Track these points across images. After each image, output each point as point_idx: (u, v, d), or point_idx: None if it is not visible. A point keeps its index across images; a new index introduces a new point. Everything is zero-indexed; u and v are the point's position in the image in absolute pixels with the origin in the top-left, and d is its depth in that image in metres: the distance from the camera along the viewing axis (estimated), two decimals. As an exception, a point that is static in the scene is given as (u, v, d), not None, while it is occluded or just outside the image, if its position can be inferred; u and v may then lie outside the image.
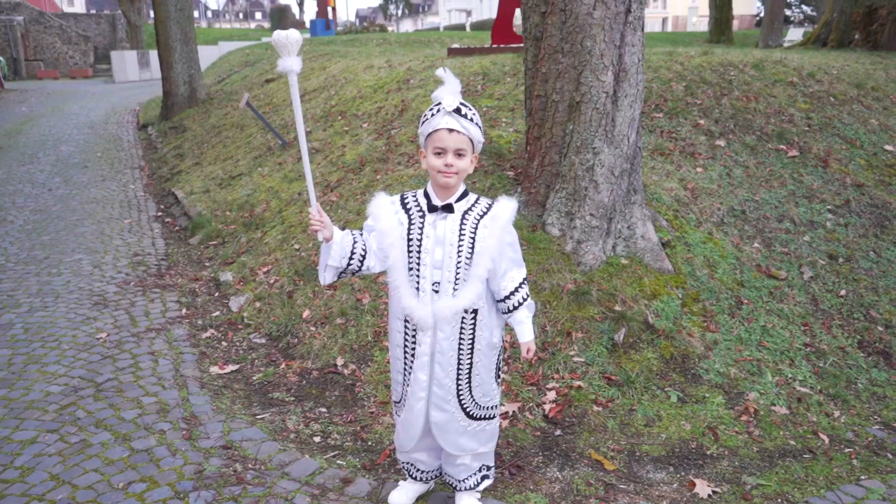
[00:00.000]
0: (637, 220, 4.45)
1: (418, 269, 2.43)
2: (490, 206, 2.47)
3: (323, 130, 7.79)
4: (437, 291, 2.43)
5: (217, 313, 4.86)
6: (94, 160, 10.92)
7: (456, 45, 11.95)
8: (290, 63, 2.32)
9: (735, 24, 26.06)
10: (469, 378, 2.53)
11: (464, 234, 2.41)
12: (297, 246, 5.32)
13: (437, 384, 2.50)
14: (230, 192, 7.37)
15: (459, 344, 2.48)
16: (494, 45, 10.10)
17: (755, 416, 3.55)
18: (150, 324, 4.71)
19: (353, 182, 6.01)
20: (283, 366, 4.06)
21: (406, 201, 2.50)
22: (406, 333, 2.52)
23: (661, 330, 4.02)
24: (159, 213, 7.81)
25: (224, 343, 4.43)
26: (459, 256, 2.41)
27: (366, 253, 2.50)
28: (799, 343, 4.12)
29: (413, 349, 2.50)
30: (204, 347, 4.36)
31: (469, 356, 2.51)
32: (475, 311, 2.48)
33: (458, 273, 2.42)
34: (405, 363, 2.55)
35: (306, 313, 4.49)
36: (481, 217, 2.44)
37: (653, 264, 4.37)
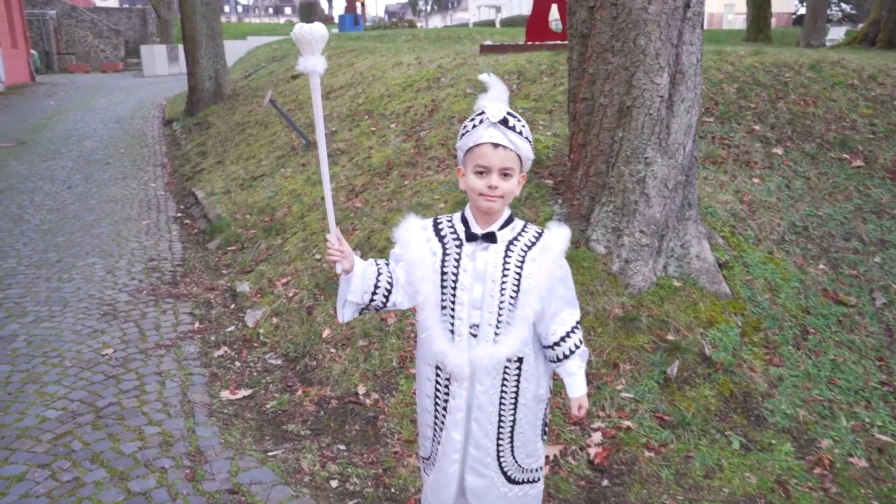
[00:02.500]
0: (692, 237, 4.02)
1: (453, 309, 2.05)
2: (539, 235, 2.08)
3: (349, 130, 7.44)
4: (475, 336, 2.05)
5: (231, 328, 4.53)
6: (116, 157, 10.71)
7: (488, 42, 11.54)
8: (313, 63, 1.91)
9: (772, 22, 25.26)
10: (511, 437, 2.14)
11: (508, 269, 2.02)
12: (318, 256, 4.97)
13: (474, 445, 2.11)
14: (251, 194, 7.05)
15: (501, 398, 2.09)
16: (529, 43, 9.67)
17: (830, 469, 3.12)
18: (160, 339, 4.39)
19: (380, 187, 5.65)
20: (299, 392, 3.71)
21: (440, 227, 2.11)
22: (438, 383, 2.14)
23: (719, 363, 3.59)
24: (179, 214, 7.53)
25: (237, 363, 4.10)
26: (503, 295, 2.02)
27: (391, 287, 2.12)
28: (874, 381, 3.67)
29: (446, 402, 2.12)
30: (216, 367, 4.03)
31: (512, 412, 2.12)
32: (520, 360, 2.09)
33: (500, 315, 2.03)
34: (436, 417, 2.17)
35: (326, 332, 4.14)
36: (529, 248, 2.05)
37: (708, 287, 3.94)
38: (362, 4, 32.31)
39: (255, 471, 3.04)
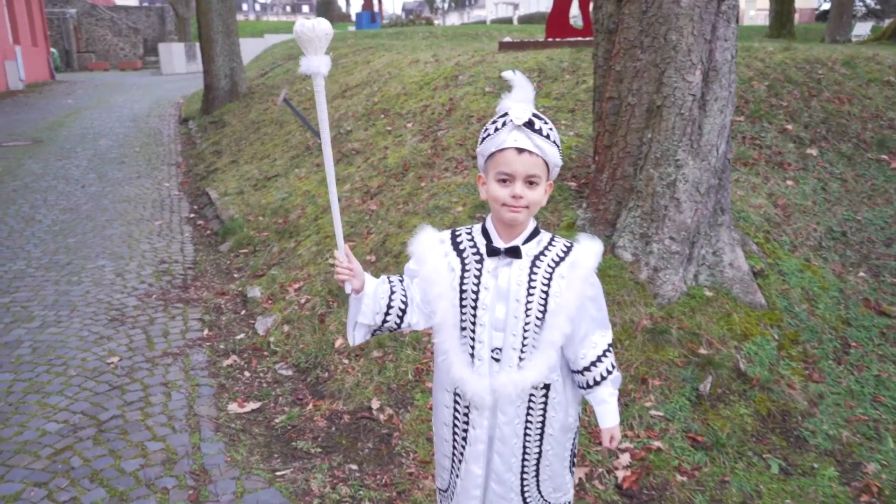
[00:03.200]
0: (724, 244, 3.80)
1: (473, 331, 1.86)
2: (568, 249, 1.88)
3: (364, 130, 7.27)
4: (497, 360, 1.85)
5: (241, 336, 4.37)
6: (131, 155, 10.62)
7: (507, 39, 11.31)
8: (317, 63, 1.72)
9: (795, 17, 24.74)
10: (537, 471, 1.94)
11: (534, 287, 1.82)
12: (332, 261, 4.80)
13: (496, 479, 1.92)
14: (265, 195, 6.90)
15: (526, 429, 1.90)
16: (549, 39, 9.44)
17: (879, 497, 2.89)
18: (168, 346, 4.24)
19: (396, 189, 5.47)
20: (310, 406, 3.54)
21: (459, 240, 1.92)
22: (456, 411, 1.95)
23: (755, 379, 3.37)
24: (192, 215, 7.40)
25: (247, 373, 3.93)
26: (528, 316, 1.82)
27: (406, 307, 1.93)
28: (922, 399, 3.43)
29: (465, 433, 1.93)
30: (224, 378, 3.87)
31: (538, 444, 1.92)
32: (546, 387, 1.89)
33: (525, 337, 1.84)
34: (454, 448, 1.98)
35: (339, 342, 3.96)
36: (557, 264, 1.85)
37: (742, 297, 3.72)
38: (379, 2, 32.17)
39: (262, 492, 2.87)
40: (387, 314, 1.92)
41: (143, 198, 8.08)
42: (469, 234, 1.92)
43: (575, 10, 10.64)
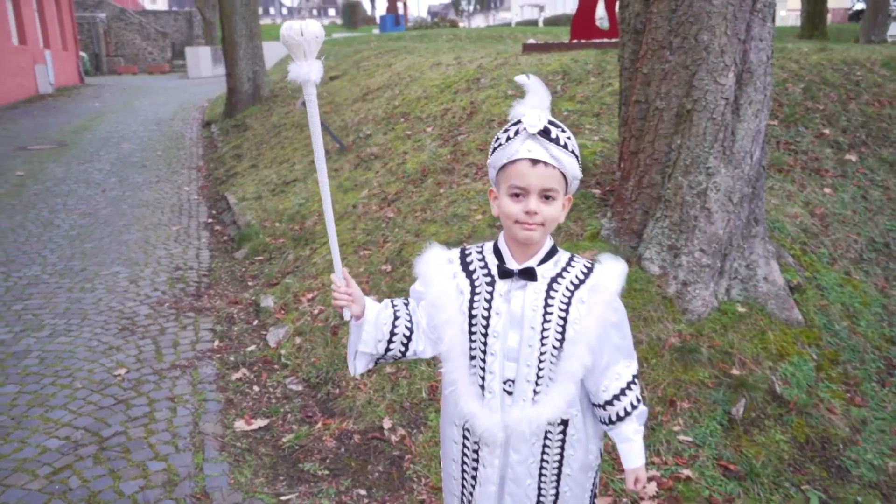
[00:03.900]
0: (759, 257, 3.57)
1: (483, 360, 1.69)
2: (589, 270, 1.69)
3: (383, 134, 7.12)
4: (510, 393, 1.68)
5: (252, 347, 4.24)
6: (152, 159, 10.61)
7: (531, 41, 11.11)
8: (307, 70, 1.54)
9: (828, 17, 24.14)
10: (554, 515, 1.77)
11: (550, 313, 1.64)
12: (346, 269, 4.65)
13: (508, 525, 1.74)
14: (282, 200, 6.79)
15: (541, 469, 1.72)
16: (574, 41, 9.22)
17: (930, 536, 2.66)
18: (177, 358, 4.12)
19: (414, 195, 5.31)
20: (319, 424, 3.39)
21: (468, 259, 1.74)
22: (465, 447, 1.77)
23: (792, 402, 3.15)
24: (210, 220, 7.32)
25: (256, 388, 3.80)
26: (543, 345, 1.64)
27: (411, 333, 1.76)
28: (975, 426, 3.18)
29: (475, 471, 1.75)
30: (232, 392, 3.74)
31: (554, 485, 1.75)
32: (564, 423, 1.71)
33: (540, 368, 1.66)
34: (463, 487, 1.81)
35: (351, 356, 3.80)
36: (576, 287, 1.67)
37: (778, 314, 3.49)
38: (404, 5, 32.14)
39: (265, 519, 2.72)
40: (390, 342, 1.76)
41: (162, 202, 8.02)
42: (480, 253, 1.75)
43: (601, 11, 10.42)
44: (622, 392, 1.74)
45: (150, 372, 3.94)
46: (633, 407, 1.76)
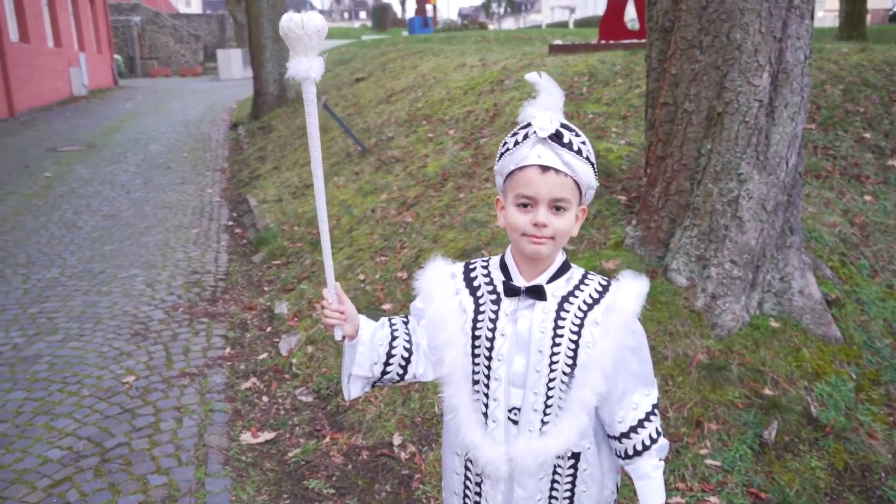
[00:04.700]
0: (794, 269, 3.36)
1: (487, 385, 1.53)
2: (604, 288, 1.53)
3: (405, 137, 7.00)
4: (515, 422, 1.52)
5: (264, 356, 4.13)
6: (178, 161, 10.63)
7: (558, 42, 10.92)
8: (306, 66, 1.40)
9: (867, 18, 23.48)
10: (563, 558, 1.60)
11: (561, 335, 1.48)
12: (361, 276, 4.53)
13: (512, 569, 1.59)
14: (302, 204, 6.70)
15: (549, 507, 1.56)
16: (602, 42, 9.01)
17: (982, 578, 2.43)
18: (187, 365, 4.03)
19: (433, 200, 5.17)
20: (327, 439, 3.26)
21: (473, 274, 1.59)
22: (468, 479, 1.62)
23: (829, 426, 2.94)
24: (230, 223, 7.26)
25: (265, 398, 3.68)
26: (553, 370, 1.48)
27: (410, 355, 1.62)
28: None
29: (476, 507, 1.60)
30: (240, 403, 3.63)
31: (564, 525, 1.58)
32: (575, 457, 1.55)
33: (549, 396, 1.50)
34: (464, 524, 1.65)
35: (363, 366, 3.67)
36: (590, 307, 1.50)
37: (814, 330, 3.28)
38: (433, 7, 32.07)
39: (264, 541, 2.60)
40: (387, 364, 1.61)
41: (184, 204, 7.99)
42: (485, 267, 1.59)
43: (632, 12, 10.18)
44: (640, 423, 1.57)
45: (158, 380, 3.85)
46: (653, 440, 1.59)
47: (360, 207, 5.81)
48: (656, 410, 1.60)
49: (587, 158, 1.45)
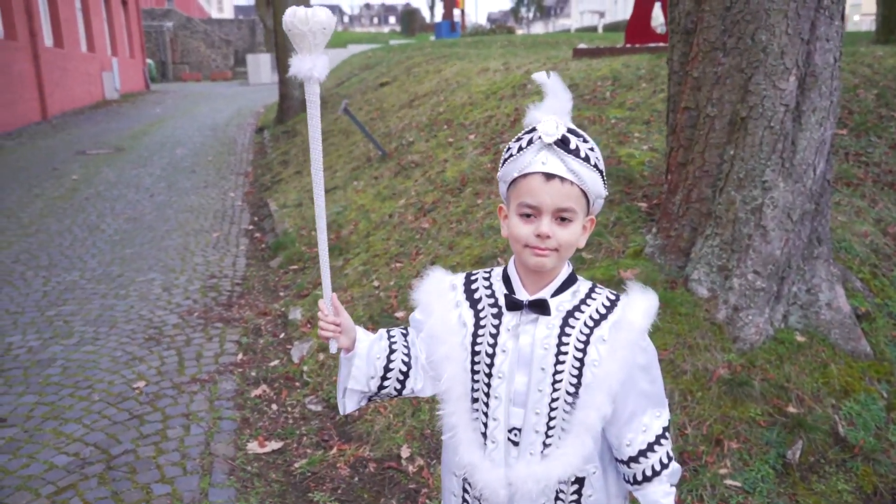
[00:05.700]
0: (821, 280, 3.22)
1: (486, 404, 1.45)
2: (612, 302, 1.43)
3: (425, 141, 6.93)
4: (515, 444, 1.44)
5: (276, 362, 4.08)
6: (203, 164, 10.69)
7: (583, 45, 10.79)
8: (309, 65, 1.34)
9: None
10: (563, 590, 1.51)
11: (565, 353, 1.39)
12: (376, 283, 4.47)
13: None
14: (321, 208, 6.66)
15: (550, 536, 1.47)
16: (628, 45, 8.87)
17: None
18: (199, 371, 4.00)
19: (451, 206, 5.09)
20: (334, 450, 3.19)
21: (474, 286, 1.51)
22: (465, 501, 1.54)
23: (858, 446, 2.79)
24: (250, 227, 7.26)
25: (274, 406, 3.63)
26: (556, 390, 1.40)
27: (409, 369, 1.54)
28: None
29: (473, 533, 1.52)
30: (249, 411, 3.58)
31: (566, 555, 1.49)
32: (579, 482, 1.46)
33: (552, 417, 1.41)
34: (461, 549, 1.57)
35: (374, 375, 3.60)
36: (597, 323, 1.41)
37: (843, 345, 3.13)
38: (462, 12, 32.08)
39: (265, 555, 2.53)
40: (384, 378, 1.54)
41: (206, 208, 8.02)
42: (487, 279, 1.51)
43: (659, 18, 10.03)
44: (650, 447, 1.47)
45: (169, 385, 3.82)
46: (664, 465, 1.48)
47: (377, 212, 5.75)
48: (667, 433, 1.50)
49: (595, 166, 1.36)
